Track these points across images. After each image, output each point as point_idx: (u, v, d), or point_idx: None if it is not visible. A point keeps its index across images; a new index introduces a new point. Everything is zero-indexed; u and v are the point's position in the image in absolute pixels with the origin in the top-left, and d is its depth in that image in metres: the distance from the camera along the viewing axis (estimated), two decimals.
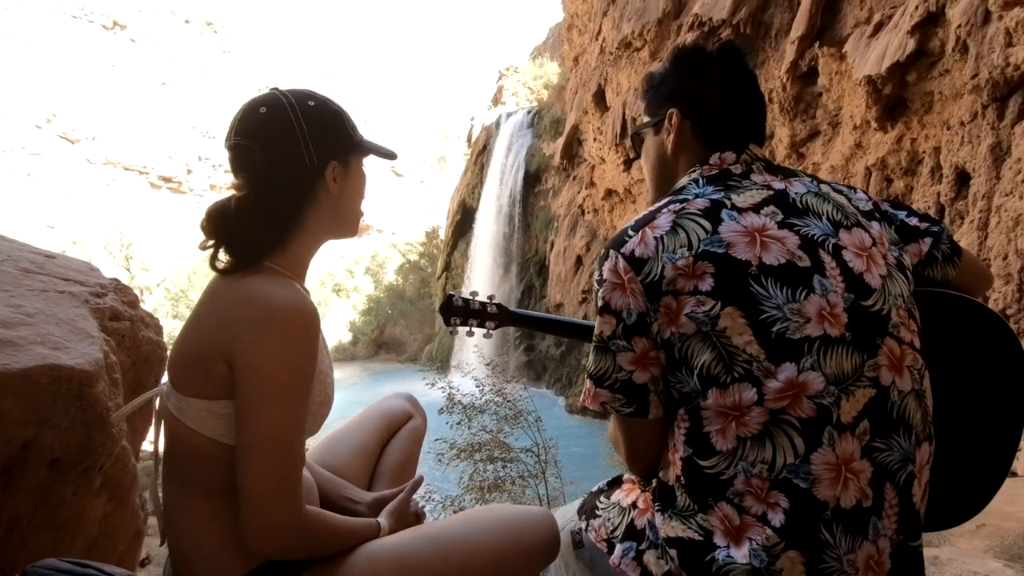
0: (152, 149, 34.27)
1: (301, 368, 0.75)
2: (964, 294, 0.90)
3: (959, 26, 5.21)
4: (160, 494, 0.85)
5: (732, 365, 0.72)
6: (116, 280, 1.47)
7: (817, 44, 7.06)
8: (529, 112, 19.07)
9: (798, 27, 7.19)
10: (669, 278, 0.75)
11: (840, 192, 0.85)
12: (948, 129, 5.65)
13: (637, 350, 0.78)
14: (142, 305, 1.60)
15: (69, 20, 31.96)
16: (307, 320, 0.76)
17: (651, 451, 0.83)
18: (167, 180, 34.98)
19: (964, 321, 0.89)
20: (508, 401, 4.98)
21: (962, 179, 5.43)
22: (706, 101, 0.88)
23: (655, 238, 0.78)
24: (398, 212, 46.13)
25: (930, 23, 5.65)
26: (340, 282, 29.35)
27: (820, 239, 0.77)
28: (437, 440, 4.88)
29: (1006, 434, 0.89)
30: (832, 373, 0.72)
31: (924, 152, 6.09)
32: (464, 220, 19.17)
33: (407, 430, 1.16)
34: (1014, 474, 4.54)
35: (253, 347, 0.74)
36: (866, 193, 0.88)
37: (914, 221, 0.90)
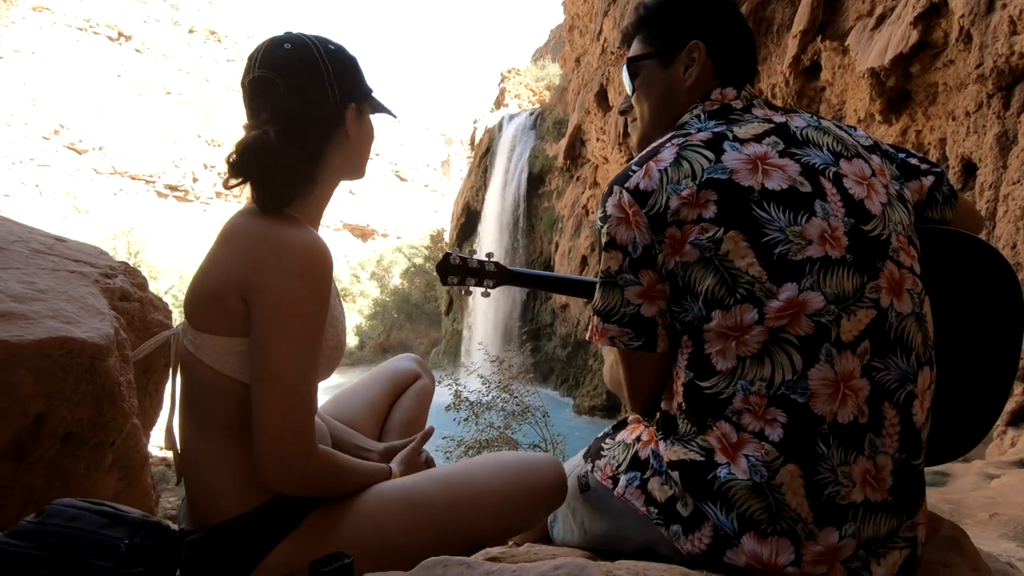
0: (158, 158, 34.53)
1: (315, 304, 0.77)
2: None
3: (962, 16, 5.19)
4: (177, 433, 0.86)
5: (735, 287, 0.74)
6: (125, 263, 1.49)
7: (819, 38, 7.05)
8: (531, 114, 19.11)
9: (800, 22, 7.19)
10: (674, 208, 0.76)
11: (841, 128, 0.87)
12: (953, 120, 5.63)
13: (644, 283, 0.79)
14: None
15: (75, 32, 32.30)
16: (322, 259, 0.78)
17: (655, 387, 0.84)
18: (173, 188, 35.23)
19: (964, 256, 0.90)
20: (515, 397, 4.97)
21: (968, 169, 5.40)
22: (725, 38, 0.89)
23: (659, 171, 0.79)
24: (403, 216, 46.24)
25: (932, 14, 5.63)
26: (346, 287, 29.44)
27: (821, 167, 0.79)
28: (445, 438, 4.87)
29: (1003, 366, 0.89)
30: (832, 293, 0.73)
31: (930, 144, 6.07)
32: (468, 223, 19.20)
33: (415, 388, 1.17)
34: None
35: (269, 282, 0.75)
36: (866, 133, 0.89)
37: (914, 161, 0.92)
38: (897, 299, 0.75)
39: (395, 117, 0.97)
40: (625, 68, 0.96)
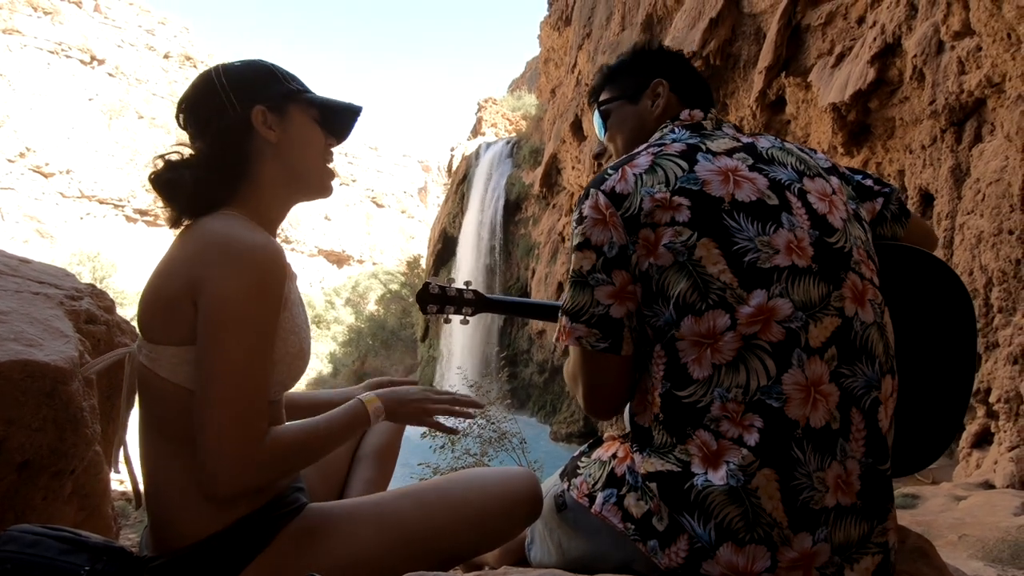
0: (128, 182, 33.92)
1: (264, 303, 0.74)
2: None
3: (915, 56, 5.49)
4: (137, 456, 0.82)
5: (707, 293, 0.76)
6: (92, 285, 1.45)
7: (783, 74, 7.37)
8: (508, 142, 19.39)
9: (764, 58, 7.52)
10: (647, 210, 0.79)
11: (802, 150, 0.91)
12: (910, 153, 5.90)
13: (616, 283, 0.80)
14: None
15: (46, 55, 31.86)
16: (271, 257, 0.75)
17: (611, 391, 0.84)
18: (143, 213, 34.55)
19: (916, 271, 0.94)
20: (491, 423, 4.92)
21: (926, 200, 5.64)
22: (683, 76, 0.99)
23: (635, 175, 0.82)
24: (379, 242, 46.04)
25: (888, 53, 5.95)
26: (320, 313, 29.00)
27: (787, 183, 0.82)
28: (420, 465, 4.78)
29: (960, 378, 0.93)
30: (800, 300, 0.75)
31: (889, 175, 6.34)
32: (445, 249, 19.22)
33: None
34: (991, 486, 4.60)
35: (215, 281, 0.72)
36: (825, 156, 0.94)
37: (868, 183, 0.97)
38: (861, 308, 0.78)
39: (354, 111, 0.91)
40: (597, 113, 1.05)
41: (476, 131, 26.43)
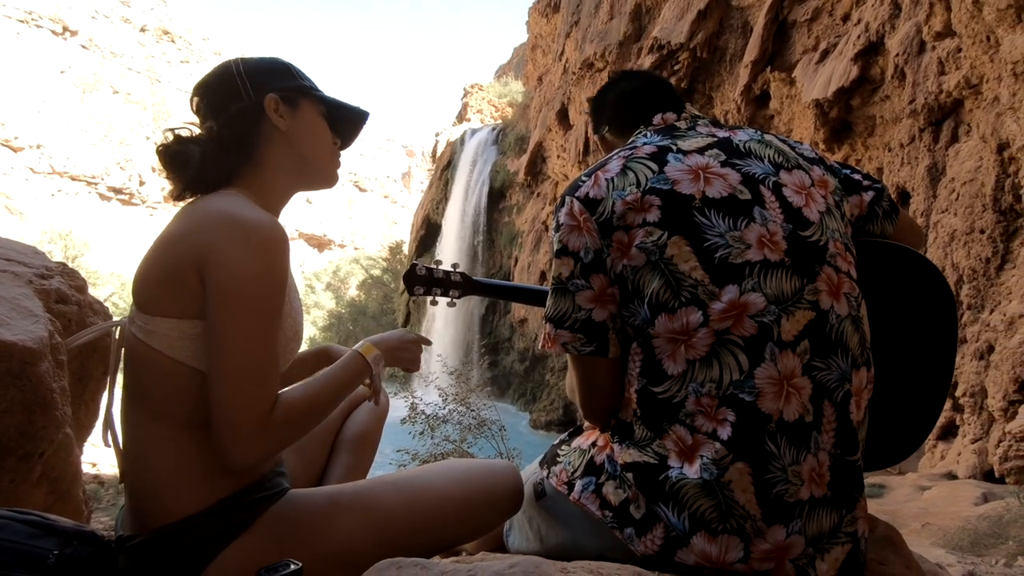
0: (102, 159, 32.98)
1: (275, 281, 0.75)
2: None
3: (897, 55, 5.57)
4: (119, 431, 0.81)
5: (679, 290, 0.76)
6: (63, 264, 1.41)
7: (768, 69, 7.41)
8: (494, 129, 19.28)
9: (751, 52, 7.55)
10: (619, 213, 0.79)
11: (784, 142, 0.91)
12: (889, 151, 6.00)
13: (595, 287, 0.81)
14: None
15: (15, 24, 30.68)
16: (279, 236, 0.76)
17: (607, 393, 0.85)
18: (118, 191, 33.66)
19: (903, 269, 0.95)
20: (471, 411, 4.94)
21: (903, 198, 5.75)
22: (609, 103, 1.02)
23: (606, 179, 0.83)
24: (361, 227, 45.61)
25: (871, 52, 6.02)
26: (300, 297, 28.68)
27: (761, 176, 0.82)
28: (399, 451, 4.79)
29: (939, 374, 0.95)
30: (772, 294, 0.76)
31: (868, 172, 6.44)
32: (428, 235, 19.12)
33: (369, 404, 1.14)
34: (955, 476, 4.75)
35: (226, 256, 0.72)
36: (811, 147, 0.94)
37: (857, 176, 0.97)
38: (836, 301, 0.79)
39: (361, 116, 0.95)
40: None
41: (462, 117, 26.22)
